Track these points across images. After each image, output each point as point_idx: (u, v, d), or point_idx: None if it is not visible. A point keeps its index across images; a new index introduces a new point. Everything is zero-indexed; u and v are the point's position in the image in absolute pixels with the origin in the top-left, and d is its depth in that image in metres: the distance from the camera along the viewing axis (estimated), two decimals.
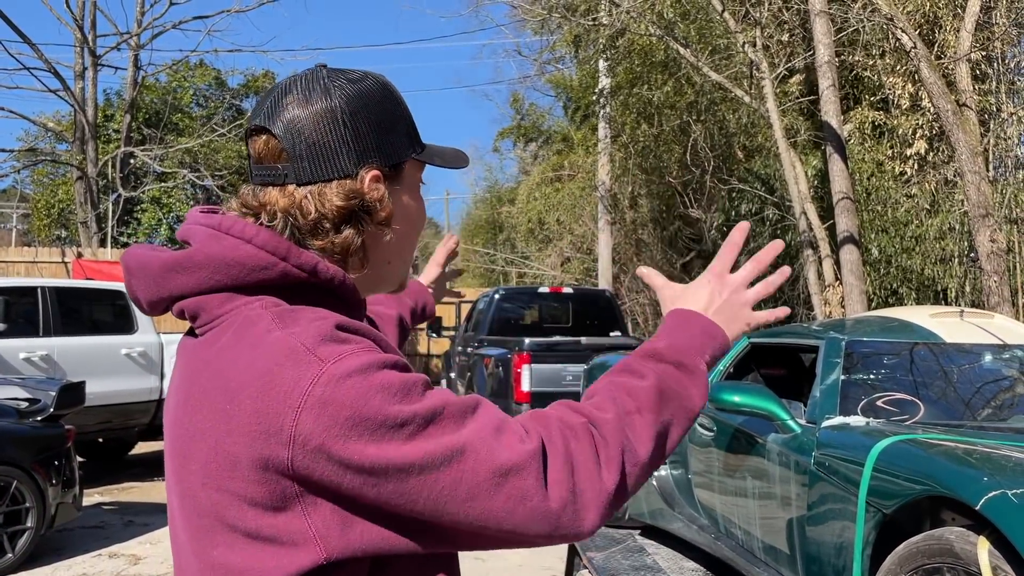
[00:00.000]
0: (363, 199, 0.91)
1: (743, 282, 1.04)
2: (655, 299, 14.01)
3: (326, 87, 0.91)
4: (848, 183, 8.39)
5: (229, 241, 0.87)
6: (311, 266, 0.89)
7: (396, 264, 0.98)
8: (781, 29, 10.81)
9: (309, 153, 0.90)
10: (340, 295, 0.93)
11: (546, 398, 7.05)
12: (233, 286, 0.87)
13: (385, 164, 0.93)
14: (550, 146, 20.61)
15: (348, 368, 0.79)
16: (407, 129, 0.96)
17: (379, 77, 0.96)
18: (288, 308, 0.86)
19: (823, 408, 2.86)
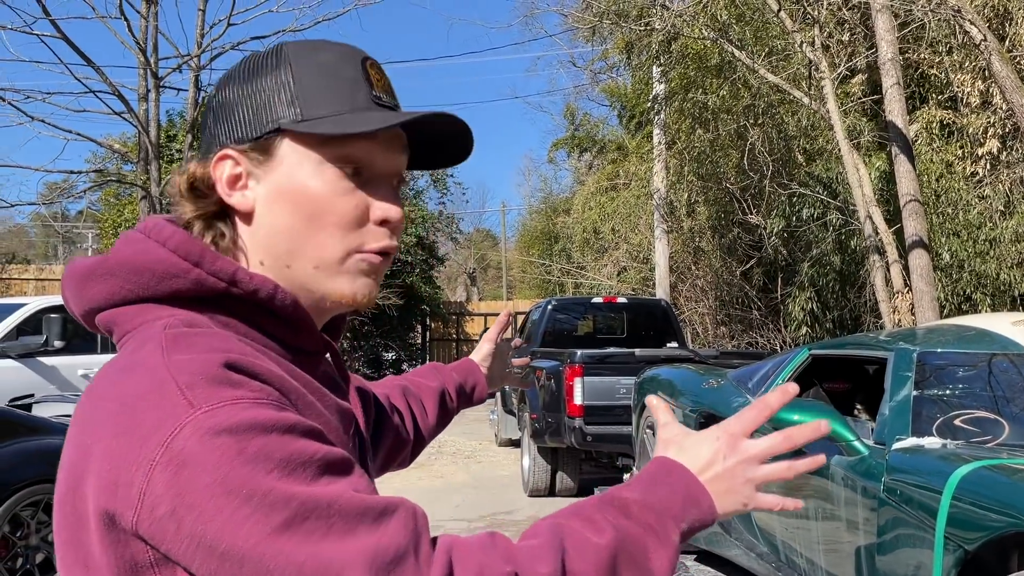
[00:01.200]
0: (201, 181, 0.80)
1: (759, 456, 0.81)
2: (714, 308, 13.67)
3: (232, 70, 0.85)
4: (916, 185, 8.03)
5: (142, 244, 0.77)
6: (228, 273, 0.76)
7: (301, 265, 0.80)
8: (841, 28, 10.46)
9: (200, 146, 0.84)
10: (279, 313, 0.79)
11: (600, 412, 6.85)
12: (148, 297, 0.76)
13: (241, 140, 0.79)
14: (605, 155, 20.39)
15: (221, 421, 0.64)
16: (281, 99, 0.79)
17: (292, 43, 0.83)
18: (193, 331, 0.73)
19: (893, 428, 2.61)
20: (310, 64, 0.80)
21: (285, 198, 0.78)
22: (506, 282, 33.49)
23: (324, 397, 0.80)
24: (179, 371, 0.66)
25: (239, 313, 0.77)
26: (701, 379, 4.27)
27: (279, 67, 0.80)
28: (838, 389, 3.64)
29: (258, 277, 0.77)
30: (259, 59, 0.82)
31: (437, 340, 19.23)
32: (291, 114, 0.78)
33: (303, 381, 0.78)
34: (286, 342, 0.80)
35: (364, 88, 0.80)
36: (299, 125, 0.78)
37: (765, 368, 3.74)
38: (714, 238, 13.66)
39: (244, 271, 0.77)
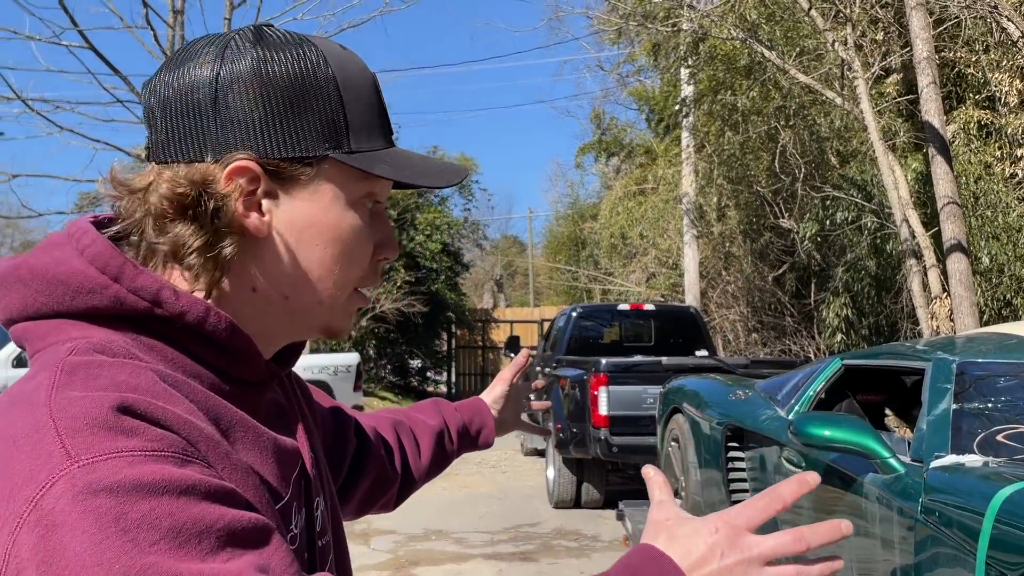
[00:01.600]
0: (203, 189, 0.67)
1: (764, 556, 0.67)
2: (746, 314, 13.42)
3: (229, 48, 0.68)
4: (954, 187, 7.77)
5: (59, 251, 0.67)
6: (151, 292, 0.66)
7: (305, 298, 0.72)
8: (874, 27, 10.21)
9: (164, 124, 0.68)
10: (212, 339, 0.68)
11: (626, 422, 6.68)
12: (63, 312, 0.66)
13: (269, 154, 0.68)
14: (632, 159, 20.20)
15: (100, 478, 0.54)
16: (328, 119, 0.69)
17: (326, 48, 0.71)
18: (97, 361, 0.62)
19: (931, 444, 2.43)
20: (350, 80, 0.71)
21: (315, 231, 0.70)
22: (533, 288, 33.37)
23: (260, 437, 0.70)
24: (62, 413, 0.57)
25: (166, 335, 0.67)
26: (728, 390, 4.10)
27: (320, 72, 0.69)
28: (872, 401, 3.45)
29: (186, 298, 0.67)
30: (287, 49, 0.69)
31: (463, 347, 19.13)
32: (342, 142, 0.69)
33: (231, 421, 0.67)
34: (221, 369, 0.70)
35: (385, 118, 0.74)
36: (353, 159, 0.70)
37: (795, 379, 3.56)
38: (745, 243, 13.42)
39: (171, 290, 0.66)
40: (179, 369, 0.67)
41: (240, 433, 0.68)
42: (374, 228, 0.74)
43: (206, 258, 0.68)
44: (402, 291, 14.65)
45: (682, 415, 4.36)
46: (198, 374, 0.68)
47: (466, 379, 18.99)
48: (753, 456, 3.61)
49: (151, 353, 0.66)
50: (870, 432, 2.53)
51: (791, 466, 3.18)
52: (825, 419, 2.60)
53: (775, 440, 3.32)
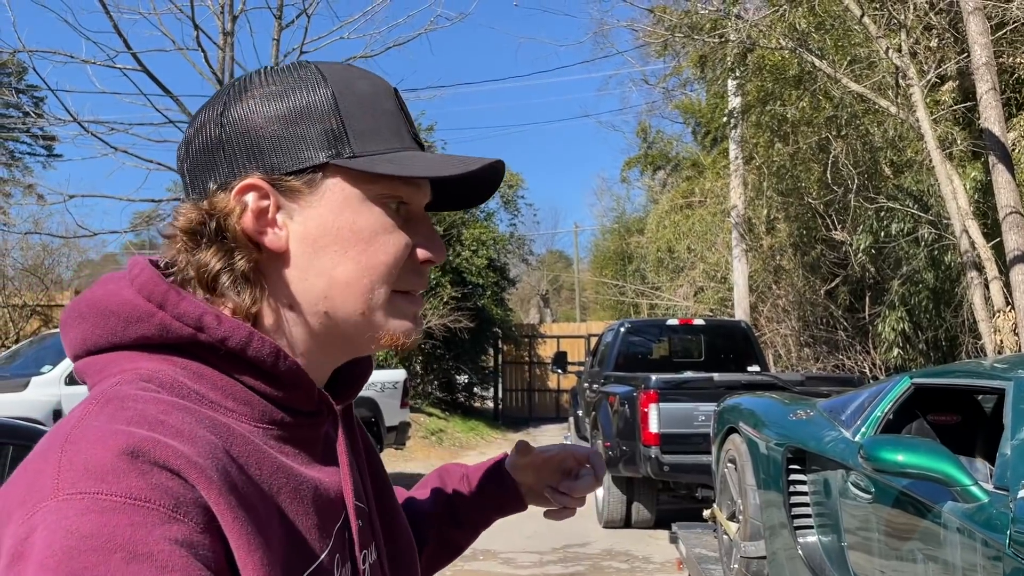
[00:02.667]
0: (209, 213, 0.69)
1: None
2: (797, 329, 13.12)
3: (231, 91, 0.73)
4: (1016, 195, 7.49)
5: (114, 284, 0.69)
6: (194, 318, 0.67)
7: (346, 311, 0.72)
8: (928, 34, 9.95)
9: (186, 168, 0.73)
10: (258, 364, 0.68)
11: (677, 440, 6.53)
12: (118, 344, 0.67)
13: (273, 172, 0.70)
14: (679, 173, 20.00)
15: (65, 516, 0.53)
16: (326, 130, 0.70)
17: (323, 68, 0.73)
18: (132, 395, 0.61)
19: (1017, 471, 2.27)
20: (351, 92, 0.72)
21: (330, 237, 0.71)
22: (579, 303, 33.20)
23: (300, 486, 0.67)
24: (73, 446, 0.57)
25: (216, 363, 0.68)
26: (787, 409, 3.94)
27: (317, 89, 0.71)
28: (945, 422, 3.27)
29: (229, 323, 0.67)
30: (286, 76, 0.72)
31: (509, 363, 19.04)
32: (341, 148, 0.70)
33: (272, 467, 0.66)
34: (273, 398, 0.69)
35: (403, 123, 0.75)
36: (353, 162, 0.70)
37: (861, 399, 3.39)
38: (796, 256, 13.14)
39: (213, 315, 0.67)
40: (229, 397, 0.67)
41: (280, 483, 0.66)
42: (412, 232, 0.74)
43: (230, 279, 0.69)
44: (448, 307, 14.63)
45: (739, 435, 4.21)
46: (249, 401, 0.68)
47: (513, 395, 18.90)
48: (816, 479, 3.46)
49: (200, 381, 0.66)
50: (948, 457, 2.37)
51: (859, 491, 3.02)
52: (899, 443, 2.46)
53: (841, 463, 3.17)
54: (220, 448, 0.61)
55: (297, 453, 0.70)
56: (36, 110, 16.35)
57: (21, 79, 22.01)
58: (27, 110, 17.34)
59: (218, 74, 15.24)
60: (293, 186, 0.70)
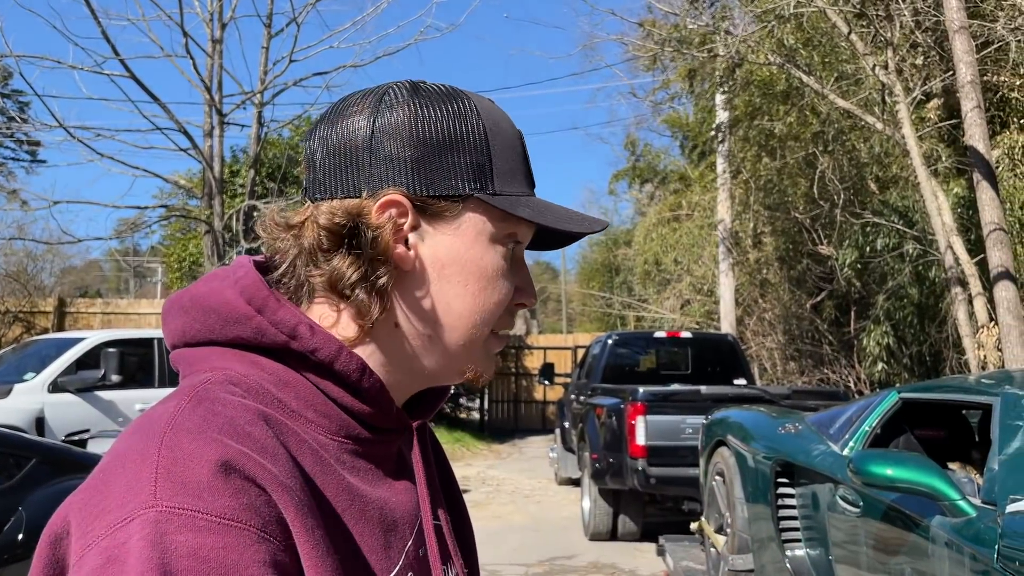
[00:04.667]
0: (358, 220, 0.70)
1: None
2: (783, 342, 13.17)
3: (387, 98, 0.73)
4: (1000, 212, 7.56)
5: (217, 282, 0.71)
6: (289, 326, 0.68)
7: (449, 338, 0.74)
8: (915, 52, 10.05)
9: (324, 164, 0.72)
10: (343, 378, 0.69)
11: (664, 453, 6.53)
12: (214, 340, 0.70)
13: (417, 191, 0.71)
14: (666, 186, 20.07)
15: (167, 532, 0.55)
16: (475, 163, 0.72)
17: (476, 101, 0.75)
18: (222, 400, 0.64)
19: (1005, 486, 2.28)
20: (498, 130, 0.74)
21: (457, 267, 0.72)
22: (566, 315, 33.21)
23: (366, 507, 0.69)
24: (169, 452, 0.59)
25: (304, 371, 0.69)
26: (776, 423, 3.95)
27: (471, 120, 0.73)
28: (932, 437, 3.29)
29: (322, 335, 0.69)
30: (446, 102, 0.73)
31: (496, 374, 18.98)
32: (486, 183, 0.72)
33: (338, 487, 0.67)
34: (353, 412, 0.71)
35: (529, 168, 0.78)
36: (496, 199, 0.72)
37: (848, 412, 3.41)
38: (782, 270, 13.21)
39: (307, 326, 0.69)
40: (310, 408, 0.68)
41: (346, 504, 0.67)
42: (514, 271, 0.76)
43: (364, 289, 0.70)
44: None
45: (727, 448, 4.22)
46: (328, 414, 0.69)
47: (499, 406, 18.85)
48: (804, 493, 3.46)
49: (284, 389, 0.68)
50: (937, 472, 2.39)
51: (847, 504, 3.03)
52: (888, 457, 2.47)
53: (829, 477, 3.18)
54: (295, 465, 0.63)
55: (369, 469, 0.71)
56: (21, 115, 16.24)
57: (6, 84, 21.88)
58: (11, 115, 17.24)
59: (206, 81, 15.19)
60: (435, 210, 0.71)
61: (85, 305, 15.26)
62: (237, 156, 19.99)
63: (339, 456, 0.69)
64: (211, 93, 15.28)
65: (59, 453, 4.83)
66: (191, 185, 18.10)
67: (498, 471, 11.93)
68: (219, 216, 15.32)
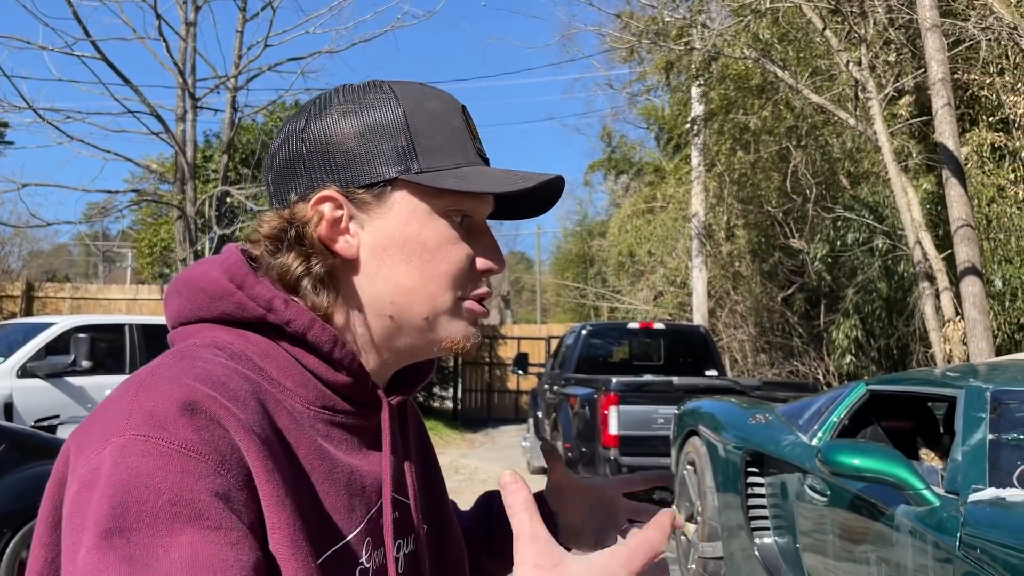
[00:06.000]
0: (290, 222, 0.76)
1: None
2: (754, 335, 13.32)
3: (311, 109, 0.80)
4: (968, 209, 7.69)
5: (207, 266, 0.78)
6: (265, 300, 0.75)
7: (410, 315, 0.78)
8: (887, 49, 10.18)
9: (271, 179, 0.81)
10: (318, 348, 0.75)
11: (636, 442, 6.59)
12: (204, 317, 0.76)
13: (347, 185, 0.77)
14: (641, 178, 20.16)
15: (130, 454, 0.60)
16: (395, 147, 0.77)
17: (397, 88, 0.79)
18: (201, 354, 0.69)
19: (968, 476, 2.35)
20: (421, 110, 0.78)
21: (396, 247, 0.77)
22: (540, 306, 33.28)
23: (334, 469, 0.73)
24: (145, 391, 0.64)
25: (284, 345, 0.75)
26: (746, 413, 4.01)
27: (389, 108, 0.77)
28: (899, 428, 3.36)
29: (295, 308, 0.75)
30: (362, 95, 0.78)
31: (469, 364, 19.01)
32: (410, 164, 0.76)
33: (309, 447, 0.72)
34: (331, 384, 0.76)
35: (469, 139, 0.80)
36: (420, 177, 0.76)
37: (818, 404, 3.47)
38: (754, 263, 13.34)
39: (282, 299, 0.75)
40: (289, 378, 0.74)
41: (314, 462, 0.71)
42: (473, 242, 0.80)
43: (310, 281, 0.76)
44: None
45: (699, 438, 4.28)
46: (306, 384, 0.74)
47: (472, 395, 18.88)
48: (774, 482, 3.53)
49: (266, 359, 0.74)
50: (902, 462, 2.44)
51: (815, 493, 3.09)
52: (855, 447, 2.53)
53: (797, 466, 3.24)
54: (268, 418, 0.68)
55: (344, 438, 0.76)
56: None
57: None
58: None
59: (179, 64, 15.00)
60: (365, 198, 0.77)
61: (54, 290, 15.04)
62: (210, 141, 19.75)
63: (314, 423, 0.74)
64: (184, 77, 15.08)
65: (28, 439, 4.78)
66: (163, 170, 17.88)
67: (471, 460, 11.96)
68: (191, 201, 15.16)
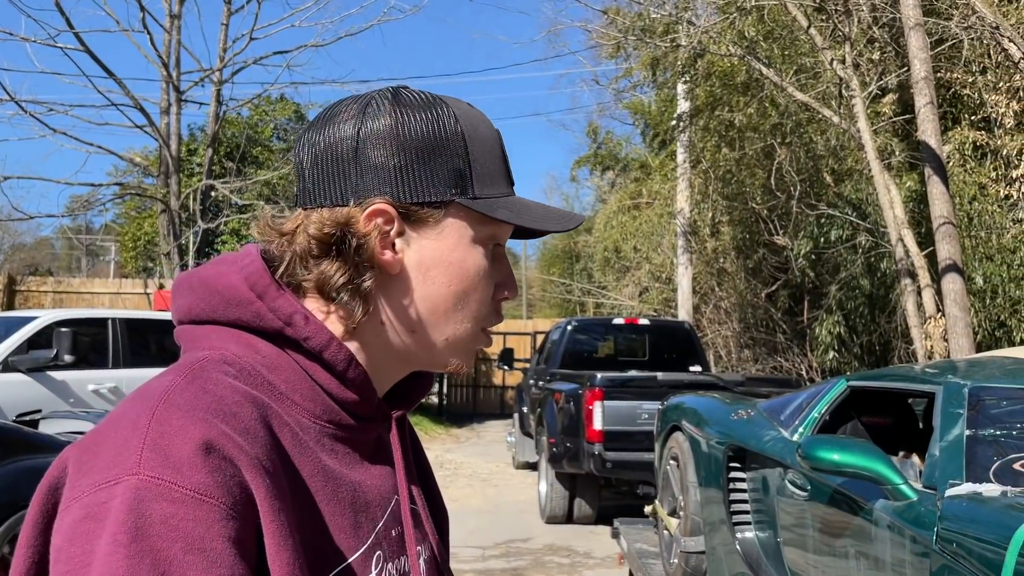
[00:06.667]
0: (346, 229, 0.74)
1: None
2: (738, 331, 13.39)
3: (370, 108, 0.77)
4: (949, 207, 7.77)
5: (225, 266, 0.76)
6: (285, 314, 0.73)
7: (433, 336, 0.79)
8: (871, 47, 10.24)
9: (312, 174, 0.77)
10: (332, 367, 0.75)
11: (621, 437, 6.63)
12: (216, 319, 0.75)
13: (402, 199, 0.75)
14: (627, 174, 20.21)
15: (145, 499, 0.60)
16: (454, 169, 0.76)
17: (455, 107, 0.79)
18: (214, 379, 0.68)
19: (945, 471, 2.38)
20: (476, 135, 0.78)
21: (441, 269, 0.77)
22: (526, 301, 33.30)
23: (339, 488, 0.73)
24: (159, 424, 0.63)
25: (296, 356, 0.74)
26: (730, 409, 4.04)
27: (450, 127, 0.76)
28: (879, 424, 3.40)
29: (315, 324, 0.74)
30: (423, 107, 0.76)
31: None
32: (466, 188, 0.76)
33: (313, 469, 0.71)
34: (338, 398, 0.76)
35: (507, 169, 0.81)
36: (476, 203, 0.76)
37: (799, 400, 3.51)
38: (739, 259, 13.41)
39: (303, 315, 0.74)
40: (297, 392, 0.73)
41: (318, 483, 0.71)
42: (495, 268, 0.80)
43: (349, 292, 0.75)
44: None
45: (682, 433, 4.31)
46: (314, 399, 0.74)
47: (457, 390, 18.89)
48: (755, 477, 3.56)
49: (275, 372, 0.73)
50: (881, 457, 2.47)
51: (795, 488, 3.13)
52: (835, 443, 2.55)
53: (779, 462, 3.27)
54: (275, 446, 0.68)
55: (348, 452, 0.76)
56: None
57: None
58: None
59: (163, 57, 14.89)
60: (419, 217, 0.76)
61: (36, 283, 14.93)
62: (195, 135, 19.63)
63: (319, 438, 0.73)
64: (169, 70, 14.98)
65: (10, 433, 4.76)
66: (147, 163, 17.76)
67: (456, 455, 11.98)
68: (176, 195, 15.06)
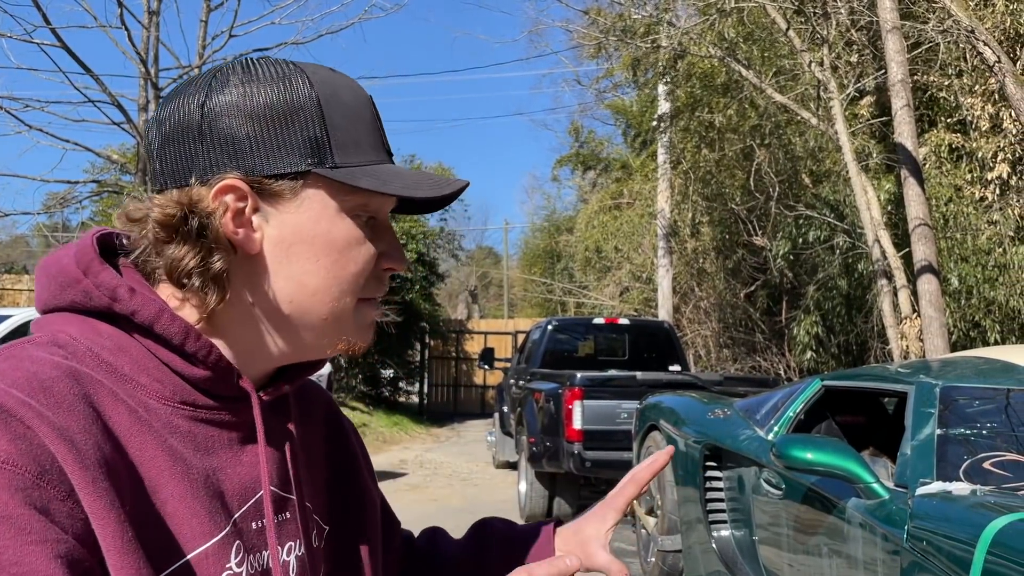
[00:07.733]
0: (191, 209, 0.69)
1: None
2: (717, 330, 13.47)
3: (216, 79, 0.71)
4: (925, 209, 7.86)
5: (63, 249, 0.72)
6: (110, 288, 0.69)
7: (311, 313, 0.73)
8: (849, 49, 10.34)
9: (162, 155, 0.72)
10: (168, 340, 0.69)
11: (600, 437, 6.64)
12: (60, 306, 0.70)
13: (253, 173, 0.70)
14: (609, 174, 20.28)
15: None
16: (310, 137, 0.70)
17: (311, 73, 0.73)
18: (36, 355, 0.64)
19: (916, 470, 2.41)
20: (336, 100, 0.72)
21: (305, 244, 0.72)
22: (507, 300, 33.33)
23: (189, 471, 0.67)
24: None
25: (140, 338, 0.69)
26: (706, 408, 4.07)
27: (303, 93, 0.71)
28: (851, 423, 3.43)
29: (142, 297, 0.69)
30: (273, 73, 0.71)
31: (436, 358, 19.01)
32: (324, 157, 0.71)
33: (155, 451, 0.66)
34: (191, 379, 0.70)
35: (378, 134, 0.76)
36: (336, 173, 0.71)
37: (774, 399, 3.54)
38: (718, 259, 13.49)
39: (127, 288, 0.69)
40: (143, 373, 0.68)
41: (164, 464, 0.66)
42: (377, 240, 0.75)
43: (200, 276, 0.69)
44: None
45: (659, 432, 4.33)
46: (162, 380, 0.69)
47: (438, 390, 18.87)
48: (731, 476, 3.59)
49: (119, 354, 0.68)
50: (853, 456, 2.50)
51: (770, 487, 3.15)
52: (808, 442, 2.58)
53: (754, 461, 3.30)
54: (99, 423, 0.63)
55: (209, 435, 0.70)
56: None
57: None
58: None
59: (142, 53, 14.77)
60: (273, 191, 0.70)
61: (11, 281, 14.78)
62: None
63: (170, 421, 0.68)
64: (147, 66, 14.85)
65: None
66: (124, 160, 17.61)
67: (436, 454, 11.97)
68: None
